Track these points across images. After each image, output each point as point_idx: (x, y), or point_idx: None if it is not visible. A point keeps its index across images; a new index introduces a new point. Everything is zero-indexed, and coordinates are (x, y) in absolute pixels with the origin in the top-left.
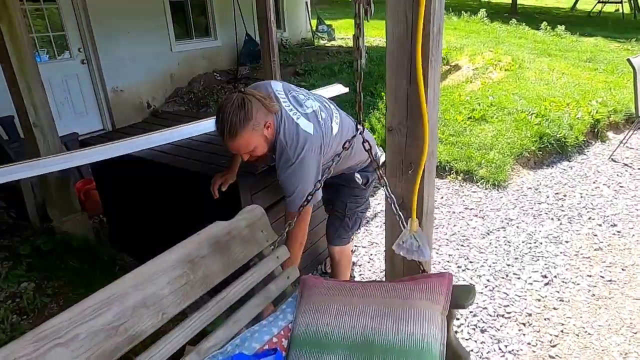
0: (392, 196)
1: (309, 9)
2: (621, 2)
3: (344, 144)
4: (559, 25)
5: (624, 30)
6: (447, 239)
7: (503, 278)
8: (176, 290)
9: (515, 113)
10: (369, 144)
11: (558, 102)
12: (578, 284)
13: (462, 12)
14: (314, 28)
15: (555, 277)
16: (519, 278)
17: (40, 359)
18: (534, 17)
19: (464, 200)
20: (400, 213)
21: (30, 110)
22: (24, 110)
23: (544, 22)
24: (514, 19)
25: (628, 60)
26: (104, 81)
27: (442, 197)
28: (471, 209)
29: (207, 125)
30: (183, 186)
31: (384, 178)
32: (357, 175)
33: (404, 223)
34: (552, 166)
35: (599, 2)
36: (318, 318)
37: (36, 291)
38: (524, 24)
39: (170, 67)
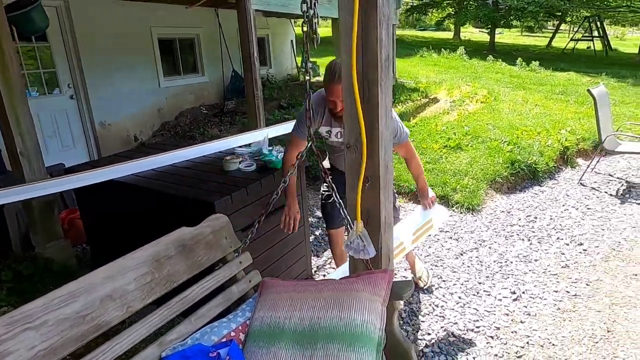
0: (341, 201)
1: (295, 47)
2: (592, 40)
3: None
4: (533, 61)
5: (595, 66)
6: (422, 260)
7: (474, 295)
8: (142, 286)
9: (488, 141)
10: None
11: (530, 131)
12: (545, 299)
13: (442, 49)
14: (299, 65)
15: (523, 293)
16: (489, 295)
17: (11, 340)
18: (510, 54)
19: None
20: (348, 216)
21: (17, 140)
22: (11, 139)
23: (520, 58)
24: (491, 56)
25: (588, 90)
26: (92, 116)
27: None
28: (446, 231)
29: (189, 152)
30: (165, 210)
31: (332, 185)
32: None
33: (351, 225)
34: (524, 191)
35: (571, 40)
36: (272, 313)
37: None
38: (500, 60)
39: (158, 102)
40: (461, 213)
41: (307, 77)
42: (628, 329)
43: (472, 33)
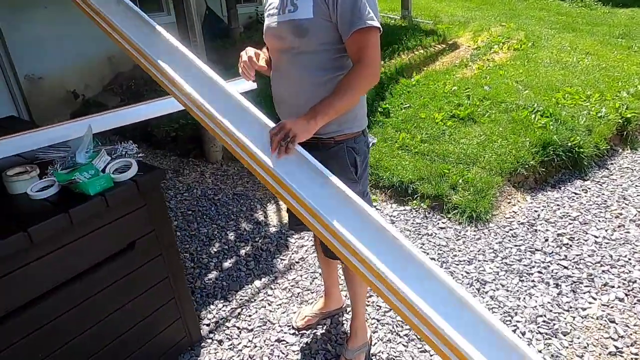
0: None
1: None
2: None
3: None
4: None
5: None
6: (376, 326)
7: None
8: None
9: (514, 110)
10: None
11: (575, 94)
12: None
13: None
14: None
15: None
16: None
17: None
18: None
19: (424, 243)
20: None
21: None
22: None
23: None
24: None
25: None
26: (13, 67)
27: None
28: (432, 258)
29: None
30: None
31: None
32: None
33: None
34: (559, 188)
35: None
36: None
37: None
38: None
39: (108, 48)
40: (459, 224)
41: None
42: None
43: None
